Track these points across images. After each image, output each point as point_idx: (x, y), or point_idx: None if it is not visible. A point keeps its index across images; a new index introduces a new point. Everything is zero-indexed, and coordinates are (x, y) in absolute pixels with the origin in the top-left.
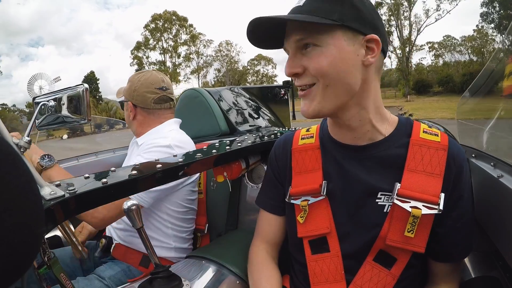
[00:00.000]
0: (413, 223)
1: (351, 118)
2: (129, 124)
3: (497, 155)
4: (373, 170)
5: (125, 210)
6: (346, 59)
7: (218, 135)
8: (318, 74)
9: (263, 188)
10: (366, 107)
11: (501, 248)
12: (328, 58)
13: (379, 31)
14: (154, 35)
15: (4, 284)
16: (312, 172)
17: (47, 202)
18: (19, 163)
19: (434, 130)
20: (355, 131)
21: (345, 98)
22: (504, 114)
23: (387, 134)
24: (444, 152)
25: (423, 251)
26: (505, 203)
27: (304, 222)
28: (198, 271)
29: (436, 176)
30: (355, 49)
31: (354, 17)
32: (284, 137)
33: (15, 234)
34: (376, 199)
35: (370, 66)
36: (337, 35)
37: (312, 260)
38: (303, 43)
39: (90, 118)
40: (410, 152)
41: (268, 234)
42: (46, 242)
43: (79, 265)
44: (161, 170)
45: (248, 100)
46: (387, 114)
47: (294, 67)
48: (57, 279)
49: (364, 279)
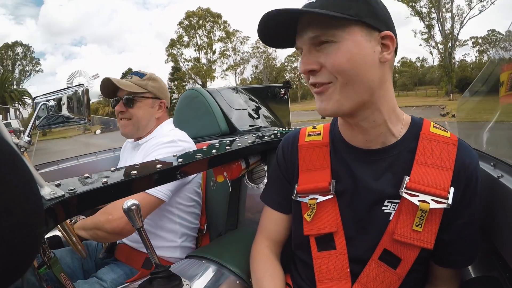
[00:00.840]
0: (422, 217)
1: (365, 119)
2: (146, 121)
3: (497, 154)
4: (382, 175)
5: (125, 210)
6: (365, 55)
7: (218, 135)
8: (336, 71)
9: (269, 185)
10: (380, 107)
11: (501, 248)
12: (346, 54)
13: (392, 29)
14: (188, 32)
15: (4, 284)
16: (320, 170)
17: (47, 202)
18: (19, 163)
19: (443, 128)
20: (367, 133)
21: (364, 96)
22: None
23: (400, 136)
24: (454, 147)
25: (431, 248)
26: (505, 203)
27: (311, 220)
28: (198, 271)
29: (446, 169)
30: (372, 45)
31: (370, 13)
32: (292, 134)
33: (15, 234)
34: (383, 206)
35: (386, 63)
36: (354, 31)
37: (318, 257)
38: (318, 41)
39: (90, 118)
40: (420, 146)
41: (272, 232)
42: (46, 242)
43: (80, 266)
44: (161, 170)
45: (248, 100)
46: (401, 115)
47: (311, 63)
48: (57, 279)
49: (369, 278)
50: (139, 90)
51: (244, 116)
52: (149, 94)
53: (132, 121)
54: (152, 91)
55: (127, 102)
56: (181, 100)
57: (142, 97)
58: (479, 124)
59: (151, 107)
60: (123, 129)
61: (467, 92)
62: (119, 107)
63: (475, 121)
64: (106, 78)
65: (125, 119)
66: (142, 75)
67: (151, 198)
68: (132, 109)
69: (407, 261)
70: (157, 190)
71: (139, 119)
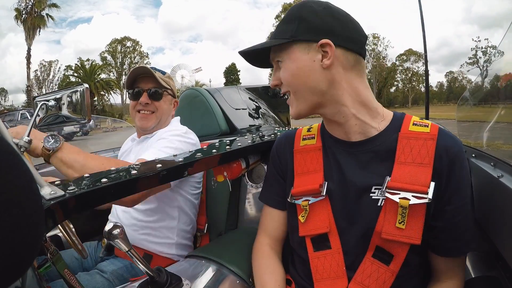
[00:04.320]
0: (403, 214)
1: (335, 115)
2: (166, 116)
3: (496, 154)
4: (368, 165)
5: (108, 237)
6: (303, 67)
7: (218, 135)
8: (287, 84)
9: (266, 184)
10: (345, 103)
11: (501, 248)
12: (289, 71)
13: (334, 34)
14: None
15: (4, 284)
16: (313, 173)
17: (47, 202)
18: (19, 163)
19: (425, 122)
20: (343, 126)
21: (314, 98)
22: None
23: (382, 128)
24: (432, 142)
25: (419, 243)
26: (505, 203)
27: (305, 221)
28: (198, 270)
29: (425, 165)
30: (310, 56)
31: (306, 29)
32: (285, 135)
33: (15, 234)
34: (370, 193)
35: (332, 66)
36: (292, 49)
37: (314, 257)
38: (275, 61)
39: (91, 118)
40: (399, 145)
41: (272, 229)
42: (48, 239)
43: (80, 265)
44: (162, 170)
45: (248, 99)
46: (379, 109)
47: (274, 80)
48: (61, 275)
49: (364, 275)
50: (165, 85)
51: (244, 116)
52: (171, 91)
53: (155, 114)
54: (172, 89)
55: (154, 94)
56: (181, 99)
57: (167, 92)
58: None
59: (170, 103)
60: (145, 122)
61: (467, 92)
62: (145, 98)
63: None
64: (142, 67)
65: (148, 112)
66: (163, 72)
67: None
68: (158, 102)
69: (398, 257)
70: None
71: (163, 112)
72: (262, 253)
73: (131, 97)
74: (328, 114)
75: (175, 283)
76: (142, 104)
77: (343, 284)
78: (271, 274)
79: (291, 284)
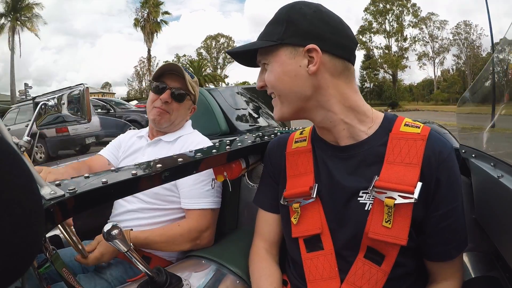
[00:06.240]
0: (389, 213)
1: (322, 120)
2: (180, 120)
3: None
4: (356, 169)
5: (107, 238)
6: (288, 71)
7: (218, 134)
8: (271, 87)
9: (260, 187)
10: (332, 109)
11: (501, 248)
12: (273, 74)
13: (322, 39)
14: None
15: (4, 283)
16: (304, 175)
17: (47, 202)
18: (19, 163)
19: (417, 123)
20: (331, 131)
21: (298, 103)
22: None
23: (371, 132)
24: (422, 142)
25: (404, 244)
26: (505, 203)
27: (297, 223)
28: (198, 270)
29: (413, 166)
30: (296, 61)
31: (294, 33)
32: (277, 139)
33: (15, 234)
34: (358, 197)
35: (319, 72)
36: (279, 52)
37: (307, 258)
38: (262, 63)
39: (90, 117)
40: (389, 145)
41: (267, 233)
42: (47, 239)
43: (80, 265)
44: (162, 170)
45: (248, 99)
46: (367, 112)
47: (259, 81)
48: (60, 274)
49: (356, 276)
50: (190, 89)
51: (245, 116)
52: (193, 96)
53: (170, 116)
54: (195, 95)
55: (178, 96)
56: None
57: (189, 96)
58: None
59: (188, 108)
60: (159, 117)
61: (467, 91)
62: (167, 96)
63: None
64: (175, 64)
65: (163, 110)
66: (193, 76)
67: (208, 211)
68: (178, 104)
69: (389, 256)
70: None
71: (178, 115)
72: (258, 256)
73: (154, 90)
74: (316, 119)
75: (174, 283)
76: (162, 101)
77: (336, 285)
78: (268, 277)
79: (287, 285)
